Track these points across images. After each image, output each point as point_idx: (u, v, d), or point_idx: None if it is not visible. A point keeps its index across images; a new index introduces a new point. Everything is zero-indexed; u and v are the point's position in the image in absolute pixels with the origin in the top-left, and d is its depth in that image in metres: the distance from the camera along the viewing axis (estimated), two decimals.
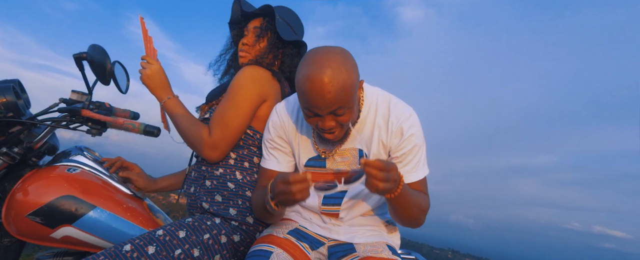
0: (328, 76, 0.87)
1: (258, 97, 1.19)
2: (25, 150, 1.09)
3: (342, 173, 1.10)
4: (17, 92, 1.07)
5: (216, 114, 1.18)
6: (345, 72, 0.90)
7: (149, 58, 1.22)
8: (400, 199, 0.93)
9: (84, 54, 1.09)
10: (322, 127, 0.95)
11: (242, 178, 1.21)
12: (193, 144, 1.19)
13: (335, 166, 1.09)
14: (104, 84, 1.16)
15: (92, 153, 1.28)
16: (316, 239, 1.10)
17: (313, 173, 1.12)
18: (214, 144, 1.15)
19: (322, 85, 0.87)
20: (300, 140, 1.12)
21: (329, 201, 1.11)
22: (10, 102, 1.03)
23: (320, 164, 1.10)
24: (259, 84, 1.18)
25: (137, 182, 1.33)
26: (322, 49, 0.94)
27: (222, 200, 1.17)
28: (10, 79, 1.10)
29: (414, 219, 1.01)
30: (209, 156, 1.17)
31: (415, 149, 1.04)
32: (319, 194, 1.11)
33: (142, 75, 1.21)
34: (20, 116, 1.07)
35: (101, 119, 1.14)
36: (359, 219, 1.12)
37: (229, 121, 1.15)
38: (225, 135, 1.15)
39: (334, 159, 1.08)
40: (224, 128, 1.15)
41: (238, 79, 1.18)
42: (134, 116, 1.46)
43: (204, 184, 1.22)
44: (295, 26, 1.31)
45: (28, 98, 1.18)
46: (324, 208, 1.11)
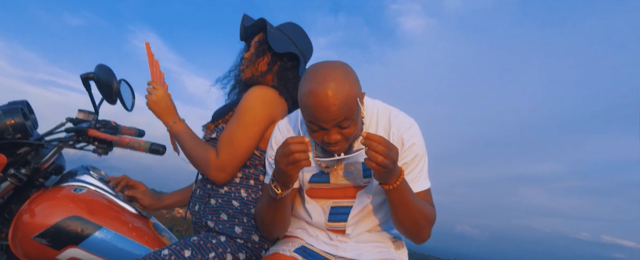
0: (332, 89, 0.88)
1: (267, 119, 1.19)
2: (32, 171, 1.10)
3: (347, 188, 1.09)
4: (25, 113, 1.09)
5: (224, 135, 1.18)
6: (348, 85, 0.91)
7: (155, 83, 1.24)
8: (400, 193, 0.92)
9: (91, 74, 1.10)
10: (327, 141, 0.95)
11: (247, 196, 1.21)
12: (200, 166, 1.19)
13: (340, 181, 1.09)
14: (110, 103, 1.17)
15: (98, 172, 1.29)
16: (323, 257, 1.08)
17: (318, 189, 1.11)
18: (221, 166, 1.15)
19: (327, 99, 0.88)
20: None
21: (335, 217, 1.10)
22: (19, 124, 1.05)
23: (324, 179, 1.09)
24: (268, 106, 1.19)
25: (143, 200, 1.33)
26: (323, 63, 0.95)
27: (227, 219, 1.17)
28: (19, 100, 1.12)
29: (417, 225, 0.99)
30: (216, 178, 1.17)
31: (417, 159, 1.03)
32: (324, 210, 1.10)
33: (147, 100, 1.22)
34: (28, 137, 1.08)
35: (107, 138, 1.15)
36: (365, 235, 1.11)
37: (238, 143, 1.15)
38: (234, 158, 1.16)
39: (338, 173, 1.08)
40: (232, 150, 1.15)
41: (247, 100, 1.19)
42: (140, 133, 1.47)
43: (209, 202, 1.22)
44: (297, 39, 1.31)
45: (36, 119, 1.19)
46: (330, 225, 1.10)
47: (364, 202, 1.07)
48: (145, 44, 1.25)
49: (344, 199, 1.09)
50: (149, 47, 1.24)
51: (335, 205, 1.10)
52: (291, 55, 1.28)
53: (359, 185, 1.08)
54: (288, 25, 1.34)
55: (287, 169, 0.87)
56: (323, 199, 1.11)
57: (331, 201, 1.10)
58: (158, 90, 1.22)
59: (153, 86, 1.23)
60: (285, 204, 1.02)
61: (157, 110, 1.22)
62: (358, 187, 1.08)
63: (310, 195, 1.12)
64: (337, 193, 1.10)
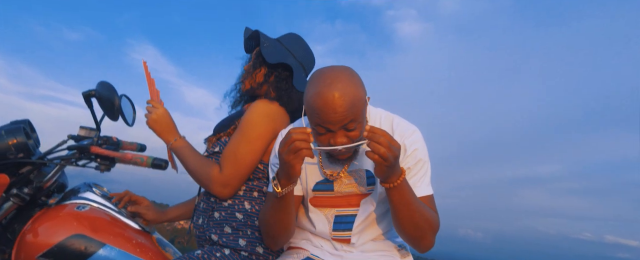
0: (339, 90, 0.89)
1: (271, 133, 1.19)
2: (35, 190, 1.10)
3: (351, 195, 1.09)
4: (27, 132, 1.09)
5: (228, 150, 1.18)
6: (354, 87, 0.92)
7: (154, 102, 1.25)
8: (401, 192, 0.92)
9: (92, 91, 1.11)
10: (333, 144, 0.95)
11: (251, 208, 1.20)
12: (204, 183, 1.19)
13: (343, 189, 1.09)
14: (112, 120, 1.18)
15: (101, 189, 1.29)
16: None
17: (321, 198, 1.11)
18: (225, 182, 1.16)
19: (334, 100, 0.89)
20: (306, 165, 1.11)
21: (340, 226, 1.09)
22: (21, 143, 1.05)
23: (328, 187, 1.09)
24: (271, 120, 1.19)
25: (146, 215, 1.33)
26: (329, 67, 0.97)
27: (231, 232, 1.16)
28: (20, 120, 1.12)
29: (420, 229, 0.98)
30: (220, 193, 1.17)
31: (419, 164, 1.04)
32: (329, 219, 1.10)
33: (148, 119, 1.23)
34: (30, 156, 1.08)
35: (110, 155, 1.15)
36: (370, 244, 1.10)
37: (242, 158, 1.16)
38: (238, 172, 1.16)
39: (342, 181, 1.08)
40: (236, 165, 1.15)
41: (251, 114, 1.19)
42: (141, 148, 1.47)
43: (213, 216, 1.21)
44: (296, 49, 1.31)
45: (38, 137, 1.20)
46: (335, 234, 1.09)
47: (368, 210, 1.07)
48: (143, 63, 1.26)
49: (348, 207, 1.09)
50: (146, 65, 1.25)
51: (339, 214, 1.10)
52: (286, 66, 1.28)
53: (362, 193, 1.08)
54: (288, 36, 1.34)
55: (289, 159, 0.87)
56: (327, 208, 1.11)
57: (335, 210, 1.10)
58: (158, 109, 1.23)
59: (152, 105, 1.24)
60: (288, 205, 1.00)
61: (157, 128, 1.23)
62: (362, 195, 1.08)
63: (314, 204, 1.12)
64: (341, 201, 1.10)
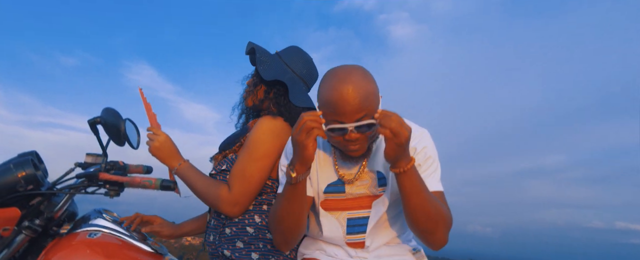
0: (353, 84, 0.92)
1: (277, 150, 1.20)
2: (46, 221, 1.09)
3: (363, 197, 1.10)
4: (35, 163, 1.09)
5: (236, 169, 1.19)
6: (368, 82, 0.95)
7: (154, 129, 1.26)
8: (411, 179, 0.93)
9: (98, 118, 1.12)
10: (348, 139, 0.96)
11: (261, 221, 1.21)
12: (213, 204, 1.20)
13: (355, 190, 1.09)
14: (119, 145, 1.18)
15: (111, 214, 1.28)
16: None
17: (332, 201, 1.11)
18: (235, 200, 1.16)
19: (348, 92, 0.91)
20: (318, 167, 1.12)
21: (354, 229, 1.10)
22: (30, 175, 1.05)
23: (340, 189, 1.10)
24: (277, 137, 1.20)
25: (162, 232, 1.35)
26: (341, 66, 1.00)
27: (243, 246, 1.17)
28: (27, 152, 1.12)
29: (432, 220, 0.97)
30: (230, 212, 1.18)
31: (429, 161, 1.05)
32: (341, 223, 1.10)
33: (150, 147, 1.24)
34: (39, 187, 1.08)
35: (118, 180, 1.15)
36: (384, 249, 1.10)
37: (251, 176, 1.16)
38: (247, 191, 1.17)
39: (353, 183, 1.09)
40: (245, 184, 1.16)
41: (257, 132, 1.20)
42: (148, 170, 1.47)
43: (224, 232, 1.22)
44: (294, 63, 1.31)
45: (45, 168, 1.20)
46: (349, 237, 1.10)
47: (379, 211, 1.07)
48: (139, 90, 1.28)
49: (360, 209, 1.10)
50: (142, 92, 1.27)
51: (351, 217, 1.10)
52: (283, 82, 1.29)
53: (374, 195, 1.09)
54: (288, 49, 1.35)
55: (301, 139, 0.90)
56: (338, 211, 1.11)
57: (346, 213, 1.10)
58: (159, 136, 1.24)
59: (153, 132, 1.26)
60: (301, 194, 1.00)
61: (161, 155, 1.24)
62: (373, 196, 1.09)
63: (325, 207, 1.12)
64: (353, 204, 1.10)
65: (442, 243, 1.02)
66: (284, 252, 1.19)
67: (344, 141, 0.97)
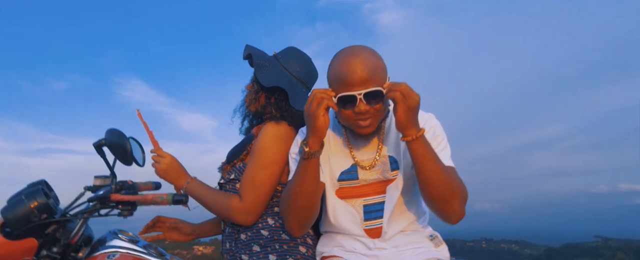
0: (361, 57, 0.98)
1: (285, 156, 1.21)
2: (64, 248, 1.10)
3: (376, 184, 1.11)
4: (45, 192, 1.09)
5: (246, 178, 1.20)
6: (376, 57, 1.00)
7: (158, 151, 1.28)
8: (422, 146, 0.95)
9: (103, 140, 1.12)
10: (357, 112, 0.98)
11: (275, 223, 1.23)
12: (226, 215, 1.22)
13: (368, 176, 1.11)
14: (126, 164, 1.18)
15: (126, 234, 1.29)
16: None
17: (347, 188, 1.12)
18: (248, 209, 1.18)
19: (356, 63, 0.97)
20: (331, 154, 1.14)
21: (371, 215, 1.11)
22: (42, 204, 1.05)
23: (353, 176, 1.12)
24: (283, 142, 1.21)
25: (184, 228, 1.42)
26: (352, 45, 1.04)
27: (260, 250, 1.18)
28: (36, 181, 1.12)
29: (448, 187, 0.97)
30: (244, 221, 1.20)
31: (438, 139, 1.07)
32: (358, 210, 1.12)
33: (157, 170, 1.26)
34: (53, 215, 1.09)
35: (131, 199, 1.15)
36: (401, 238, 1.11)
37: (261, 184, 1.18)
38: (259, 199, 1.18)
39: (366, 169, 1.10)
40: (256, 192, 1.18)
41: (264, 139, 1.21)
42: (157, 186, 1.47)
43: (240, 238, 1.23)
44: (293, 66, 1.30)
45: (56, 195, 1.20)
46: (367, 224, 1.11)
47: (395, 195, 1.08)
48: (137, 113, 1.28)
49: (374, 195, 1.11)
50: (140, 114, 1.27)
51: (367, 203, 1.12)
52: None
53: (387, 179, 1.10)
54: (285, 51, 1.35)
55: (312, 110, 0.95)
56: (353, 199, 1.12)
57: (361, 200, 1.12)
58: (165, 158, 1.26)
59: (158, 154, 1.27)
60: (315, 170, 1.02)
61: (168, 177, 1.26)
62: (387, 181, 1.10)
63: (340, 195, 1.13)
64: (367, 190, 1.11)
65: (459, 214, 1.01)
66: (296, 236, 1.21)
67: (353, 114, 0.99)
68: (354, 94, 0.96)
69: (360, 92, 0.95)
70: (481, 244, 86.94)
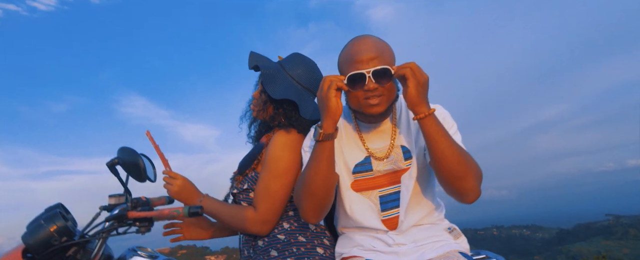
0: (370, 39, 1.05)
1: (297, 164, 1.22)
2: None
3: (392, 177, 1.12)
4: (63, 215, 1.10)
5: (260, 188, 1.21)
6: (384, 42, 1.07)
7: (170, 172, 1.28)
8: (435, 123, 0.97)
9: (115, 159, 1.12)
10: (366, 90, 1.01)
11: (290, 226, 1.24)
12: (241, 227, 1.23)
13: (382, 167, 1.12)
14: (140, 181, 1.19)
15: (145, 250, 1.30)
16: None
17: (362, 180, 1.13)
18: (263, 219, 1.19)
19: (365, 43, 1.04)
20: (344, 147, 1.15)
21: (387, 206, 1.12)
22: (62, 227, 1.06)
23: (367, 167, 1.13)
24: (294, 151, 1.22)
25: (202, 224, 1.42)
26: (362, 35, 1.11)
27: (277, 254, 1.19)
28: (53, 205, 1.13)
29: (462, 164, 0.97)
30: (260, 231, 1.21)
31: (448, 124, 1.08)
32: (374, 201, 1.13)
33: (169, 191, 1.27)
34: (72, 237, 1.09)
35: (147, 215, 1.16)
36: (420, 232, 1.11)
37: (275, 194, 1.19)
38: (274, 208, 1.19)
39: (379, 160, 1.12)
40: (271, 202, 1.19)
41: (275, 150, 1.22)
42: (170, 200, 1.48)
43: (257, 245, 1.24)
44: (301, 75, 1.31)
45: (73, 217, 1.21)
46: (384, 214, 1.12)
47: (410, 184, 1.10)
48: (147, 134, 1.29)
49: (389, 185, 1.12)
50: (150, 135, 1.28)
51: (383, 194, 1.12)
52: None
53: (401, 169, 1.11)
54: (290, 58, 1.35)
55: (324, 94, 0.98)
56: (369, 191, 1.13)
57: (377, 191, 1.13)
58: (177, 179, 1.27)
59: (169, 175, 1.28)
60: (329, 154, 1.03)
61: (181, 198, 1.28)
62: (401, 170, 1.12)
63: (356, 188, 1.14)
64: (382, 181, 1.12)
65: (475, 191, 1.01)
66: (311, 224, 1.22)
67: (363, 93, 1.02)
68: (363, 72, 0.99)
69: (368, 70, 0.99)
70: (492, 231, 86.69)
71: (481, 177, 1.02)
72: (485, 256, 1.24)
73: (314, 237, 1.24)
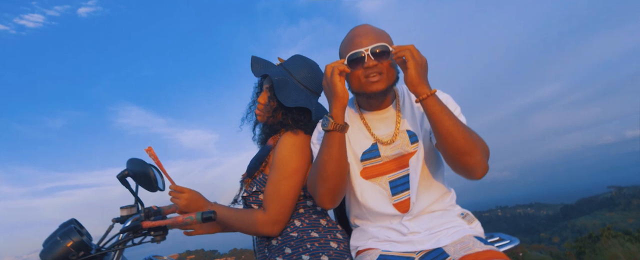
0: (368, 25, 1.12)
1: (306, 164, 1.24)
2: None
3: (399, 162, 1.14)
4: (78, 230, 1.10)
5: (270, 190, 1.22)
6: (385, 32, 1.12)
7: (176, 187, 1.27)
8: (438, 102, 0.98)
9: (126, 171, 1.12)
10: (366, 67, 1.05)
11: (301, 223, 1.25)
12: (253, 231, 1.24)
13: (389, 152, 1.13)
14: (151, 191, 1.19)
15: (161, 258, 1.30)
16: (404, 258, 1.09)
17: (371, 167, 1.15)
18: (274, 220, 1.20)
19: (364, 27, 1.11)
20: (351, 136, 1.16)
21: (397, 190, 1.13)
22: (78, 242, 1.06)
23: (375, 154, 1.14)
24: (302, 152, 1.23)
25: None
26: None
27: (292, 251, 1.20)
28: (67, 220, 1.13)
29: (468, 140, 0.98)
30: (270, 232, 1.22)
31: (451, 106, 1.09)
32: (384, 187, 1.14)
33: (178, 205, 1.27)
34: (89, 251, 1.10)
35: (162, 224, 1.16)
36: (433, 220, 1.12)
37: (285, 194, 1.20)
38: (284, 209, 1.21)
39: (386, 145, 1.13)
40: (280, 202, 1.20)
41: (283, 151, 1.23)
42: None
43: (271, 244, 1.26)
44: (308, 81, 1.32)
45: (87, 231, 1.21)
46: (395, 198, 1.13)
47: (418, 166, 1.11)
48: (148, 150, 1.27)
49: (398, 170, 1.14)
50: (153, 151, 1.27)
51: (392, 178, 1.14)
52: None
53: (408, 152, 1.13)
54: (294, 61, 1.35)
55: (328, 80, 1.02)
56: (378, 177, 1.15)
57: (387, 176, 1.14)
58: (183, 193, 1.26)
59: (175, 189, 1.27)
60: (341, 140, 1.05)
61: (191, 209, 1.27)
62: (408, 154, 1.13)
63: (365, 176, 1.15)
64: (390, 166, 1.14)
65: (483, 166, 1.01)
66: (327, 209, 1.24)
67: (363, 71, 1.06)
68: (361, 50, 1.04)
69: (366, 48, 1.05)
70: (497, 212, 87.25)
71: (488, 152, 1.05)
72: (498, 238, 1.25)
73: (326, 232, 1.25)
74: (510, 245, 1.19)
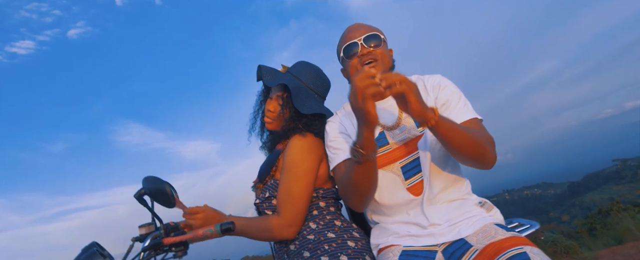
0: (363, 22, 1.17)
1: (316, 165, 1.25)
2: None
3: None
4: (101, 253, 1.10)
5: (282, 193, 1.22)
6: (379, 29, 1.19)
7: (188, 210, 1.24)
8: (447, 124, 0.95)
9: (142, 189, 1.12)
10: (360, 55, 1.13)
11: (317, 226, 1.25)
12: (270, 237, 1.24)
13: (397, 138, 1.14)
14: (169, 207, 1.19)
15: None
16: (427, 251, 1.08)
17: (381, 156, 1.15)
18: (288, 223, 1.20)
19: (357, 23, 1.21)
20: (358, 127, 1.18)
21: (410, 173, 1.14)
22: None
23: (384, 142, 1.15)
24: (313, 153, 1.24)
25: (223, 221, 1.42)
26: None
27: (310, 254, 1.20)
28: (89, 244, 1.13)
29: (480, 145, 1.00)
30: (287, 235, 1.22)
31: (455, 95, 1.11)
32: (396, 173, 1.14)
33: (195, 227, 1.24)
34: None
35: (183, 239, 1.16)
36: (452, 211, 1.11)
37: (298, 196, 1.21)
38: (298, 211, 1.21)
39: (393, 132, 1.15)
40: (293, 205, 1.20)
41: (293, 153, 1.24)
42: None
43: (289, 249, 1.26)
44: (317, 86, 1.34)
45: (109, 253, 1.21)
46: (408, 182, 1.13)
47: (427, 147, 1.12)
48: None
49: (408, 154, 1.14)
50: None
51: (403, 164, 1.14)
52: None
53: (415, 136, 1.14)
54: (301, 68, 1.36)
55: (359, 105, 0.85)
56: (390, 164, 1.15)
57: (398, 163, 1.14)
58: (197, 214, 1.24)
59: (188, 212, 1.24)
60: (373, 164, 1.01)
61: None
62: (415, 138, 1.14)
63: (378, 165, 1.14)
64: (400, 152, 1.14)
65: (493, 160, 1.05)
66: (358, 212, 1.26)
67: (358, 59, 1.13)
68: (355, 40, 1.12)
69: (359, 38, 1.14)
70: (504, 196, 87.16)
71: (494, 143, 1.06)
72: (518, 224, 1.25)
73: (342, 231, 1.25)
74: (532, 229, 1.19)
